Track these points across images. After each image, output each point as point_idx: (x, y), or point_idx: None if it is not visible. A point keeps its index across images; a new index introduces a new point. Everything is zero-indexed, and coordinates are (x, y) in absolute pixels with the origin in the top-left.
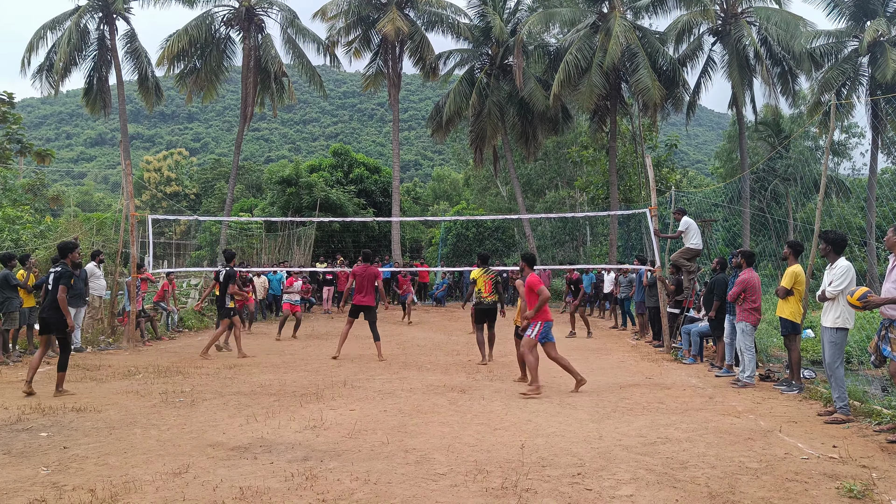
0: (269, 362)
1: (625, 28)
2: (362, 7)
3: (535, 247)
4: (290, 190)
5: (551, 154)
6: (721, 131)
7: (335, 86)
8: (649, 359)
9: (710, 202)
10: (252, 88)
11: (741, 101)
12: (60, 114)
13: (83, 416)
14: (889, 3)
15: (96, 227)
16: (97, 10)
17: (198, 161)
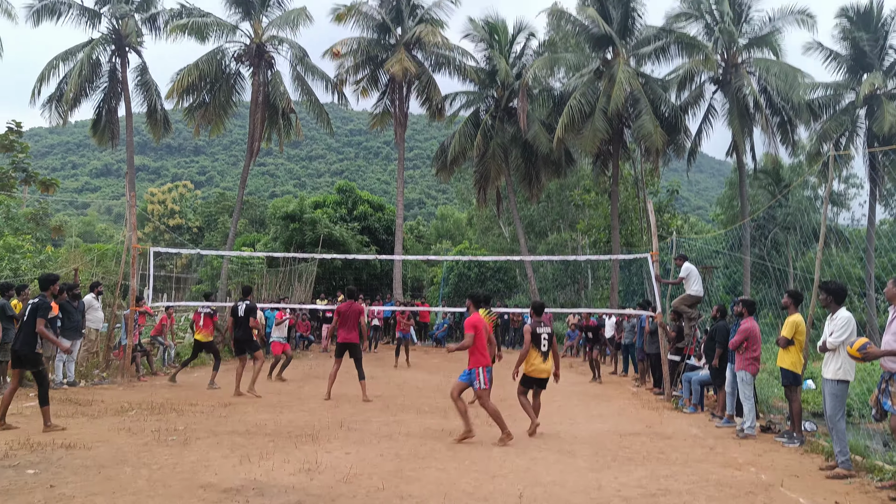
0: (265, 401)
1: (628, 74)
2: (371, 47)
3: (537, 289)
4: (294, 225)
5: (554, 196)
6: (722, 178)
7: (342, 123)
8: (650, 407)
9: (710, 249)
10: (260, 124)
11: (741, 149)
12: (67, 144)
13: (72, 453)
14: (885, 58)
15: (97, 258)
16: (110, 43)
17: (202, 194)
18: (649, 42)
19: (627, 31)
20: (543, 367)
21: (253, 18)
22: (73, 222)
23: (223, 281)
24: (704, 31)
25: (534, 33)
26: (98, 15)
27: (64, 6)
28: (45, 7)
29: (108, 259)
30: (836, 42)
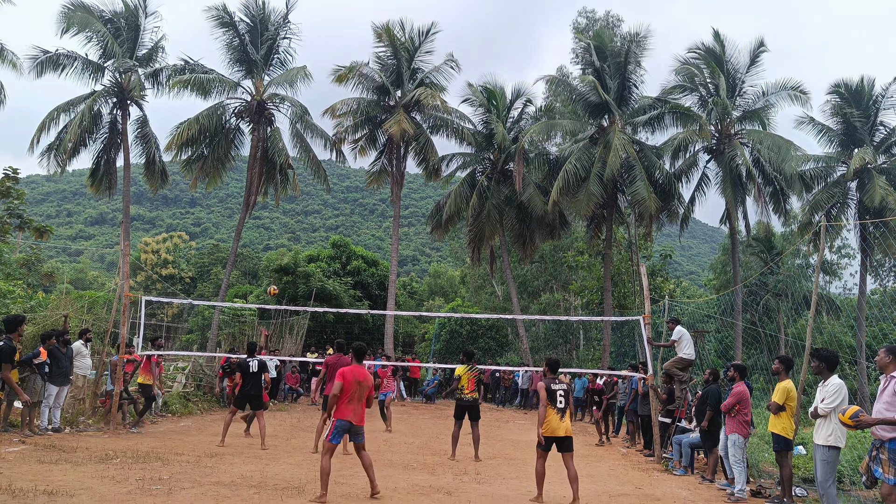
0: (251, 452)
1: (624, 141)
2: (370, 108)
3: (528, 348)
4: (287, 278)
5: (547, 257)
6: (714, 244)
7: (339, 180)
8: (640, 468)
9: (703, 313)
10: (257, 178)
11: (734, 216)
12: (63, 192)
13: (55, 500)
14: (875, 133)
15: (87, 305)
16: (112, 96)
17: (196, 245)
18: (645, 111)
19: (624, 101)
20: (561, 426)
21: (255, 76)
22: (65, 269)
23: (213, 331)
24: (699, 102)
25: (531, 99)
26: (101, 68)
27: (68, 59)
28: (50, 59)
29: (98, 306)
30: (828, 117)
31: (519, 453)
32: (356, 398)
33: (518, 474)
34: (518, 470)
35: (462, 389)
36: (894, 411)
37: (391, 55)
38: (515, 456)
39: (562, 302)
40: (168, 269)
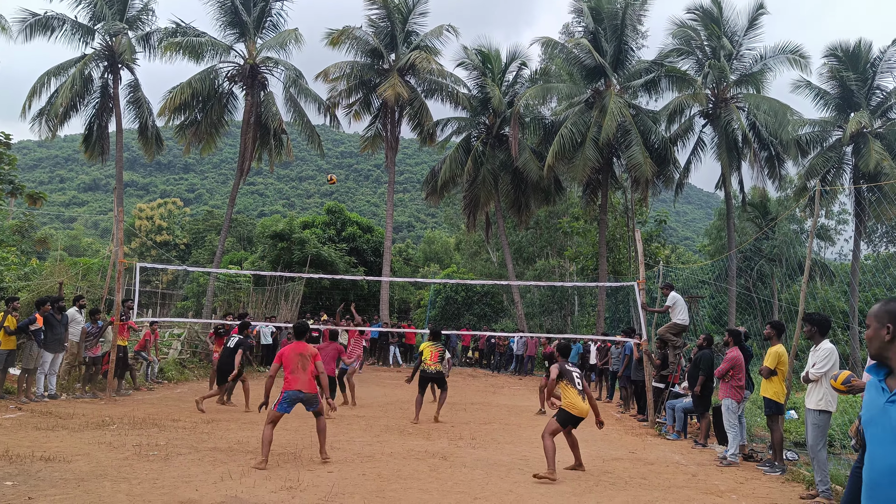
0: (247, 418)
1: (620, 105)
2: (364, 71)
3: (524, 314)
4: (282, 245)
5: (543, 223)
6: (709, 210)
7: (333, 145)
8: (633, 433)
9: (697, 279)
10: (251, 143)
11: (729, 181)
12: (56, 158)
13: (51, 465)
14: (872, 97)
15: (82, 272)
16: (102, 60)
17: (191, 212)
18: (641, 75)
19: (620, 64)
20: (584, 407)
21: (247, 39)
22: (59, 236)
23: (209, 298)
24: (696, 66)
25: (526, 62)
26: (91, 31)
27: (57, 22)
28: (39, 22)
29: (93, 273)
30: (825, 81)
31: (514, 419)
32: (300, 368)
33: (513, 439)
34: (513, 435)
35: (424, 361)
36: None
37: (384, 17)
38: (510, 421)
39: (557, 268)
40: (162, 236)
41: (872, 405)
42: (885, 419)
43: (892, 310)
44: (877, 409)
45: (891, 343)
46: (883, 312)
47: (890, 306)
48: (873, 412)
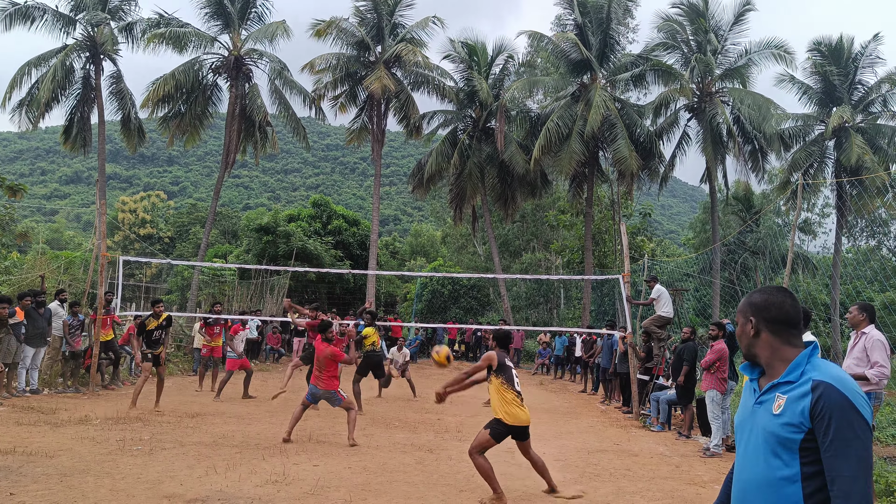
0: (232, 412)
1: (605, 99)
2: (350, 63)
3: (510, 307)
4: (267, 238)
5: (529, 217)
6: (694, 203)
7: (319, 138)
8: (618, 425)
9: (682, 272)
10: (235, 136)
11: (714, 175)
12: (37, 149)
13: (34, 461)
14: (854, 92)
15: (64, 265)
16: (84, 50)
17: (175, 205)
18: (627, 69)
19: (605, 58)
20: (524, 416)
21: (232, 31)
22: (40, 229)
23: (193, 291)
24: (681, 60)
25: (513, 55)
26: (73, 21)
27: (38, 11)
28: (19, 11)
29: (75, 267)
30: (808, 76)
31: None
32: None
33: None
34: None
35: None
36: (863, 366)
37: (371, 9)
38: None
39: (543, 261)
40: (146, 229)
41: (743, 408)
42: (753, 423)
43: (754, 302)
44: (747, 412)
45: (756, 339)
46: (745, 306)
47: (752, 298)
48: (743, 415)
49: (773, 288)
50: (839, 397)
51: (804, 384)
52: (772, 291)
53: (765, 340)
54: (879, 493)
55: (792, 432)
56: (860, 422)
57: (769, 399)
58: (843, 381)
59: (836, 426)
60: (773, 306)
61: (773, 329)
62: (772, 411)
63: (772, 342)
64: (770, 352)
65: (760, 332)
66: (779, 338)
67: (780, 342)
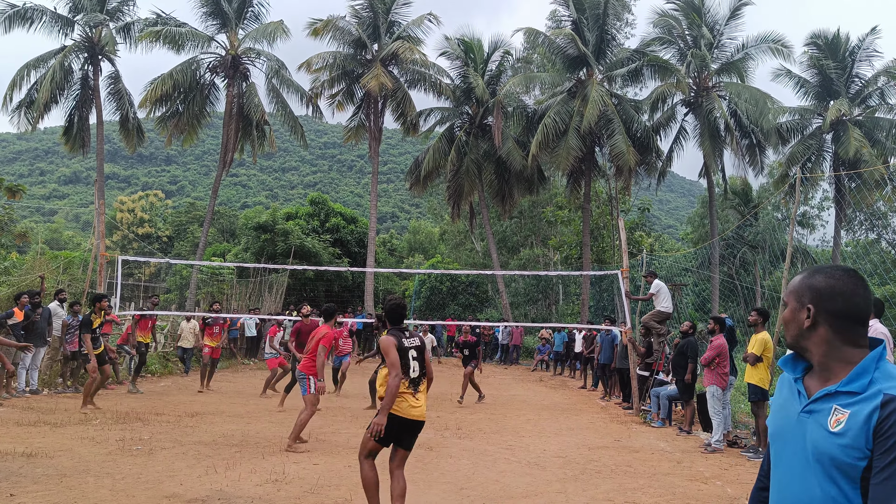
0: (233, 412)
1: (602, 94)
2: (347, 62)
3: (508, 303)
4: (265, 236)
5: (526, 213)
6: (692, 198)
7: (316, 136)
8: (618, 421)
9: (680, 266)
10: (233, 135)
11: (712, 169)
12: (36, 150)
13: (34, 461)
14: (851, 85)
15: (63, 265)
16: (83, 51)
17: (173, 203)
18: (623, 64)
19: (602, 53)
20: (416, 409)
21: (229, 30)
22: (39, 229)
23: (192, 290)
24: (678, 55)
25: (509, 51)
26: (71, 23)
27: (37, 13)
28: (18, 13)
29: (74, 267)
30: (805, 69)
31: (499, 408)
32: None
33: (499, 429)
34: (498, 424)
35: None
36: None
37: (367, 7)
38: (496, 411)
39: (541, 257)
40: (144, 228)
41: (783, 412)
42: (799, 435)
43: (816, 286)
44: (789, 419)
45: (811, 331)
46: (804, 288)
47: (814, 280)
48: (783, 422)
49: (841, 270)
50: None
51: (873, 398)
52: (840, 276)
53: (822, 335)
54: None
55: (855, 458)
56: None
57: (823, 410)
58: None
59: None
60: (841, 296)
61: (837, 324)
62: (827, 427)
63: (831, 339)
64: (827, 350)
65: (818, 325)
66: (841, 335)
67: (841, 340)
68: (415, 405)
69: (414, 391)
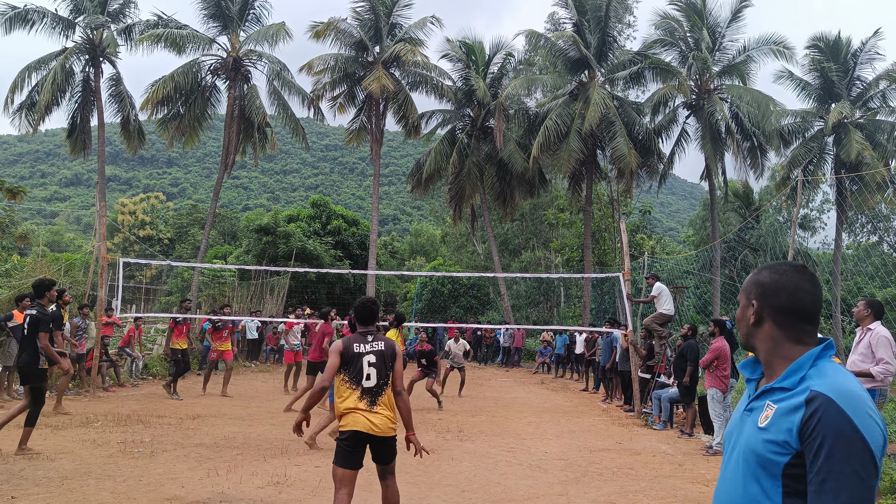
0: (234, 414)
1: (603, 97)
2: (349, 64)
3: (510, 306)
4: (267, 239)
5: (528, 215)
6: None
7: (318, 138)
8: (620, 423)
9: (682, 269)
10: (235, 137)
11: (714, 172)
12: (37, 152)
13: (35, 464)
14: (853, 88)
15: (65, 268)
16: (84, 53)
17: (174, 206)
18: (625, 67)
19: (604, 56)
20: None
21: (230, 32)
22: (40, 231)
23: (193, 293)
24: (679, 57)
25: (512, 53)
26: (72, 24)
27: (38, 15)
28: (18, 15)
29: (76, 269)
30: (807, 72)
31: (501, 411)
32: None
33: (500, 431)
34: (500, 427)
35: None
36: (868, 363)
37: (369, 9)
38: (497, 413)
39: (543, 260)
40: (146, 231)
41: (736, 413)
42: (739, 434)
43: (762, 281)
44: (736, 418)
45: (757, 328)
46: (750, 284)
47: (760, 276)
48: (733, 423)
49: (787, 266)
50: (839, 418)
51: (800, 394)
52: (786, 271)
53: (767, 332)
54: (884, 490)
55: (775, 453)
56: (863, 454)
57: (759, 408)
58: (850, 397)
59: (829, 455)
60: (785, 291)
61: (781, 320)
62: (758, 423)
63: (776, 336)
64: (771, 347)
65: (763, 321)
66: (786, 332)
67: (786, 337)
68: (363, 416)
69: (370, 404)
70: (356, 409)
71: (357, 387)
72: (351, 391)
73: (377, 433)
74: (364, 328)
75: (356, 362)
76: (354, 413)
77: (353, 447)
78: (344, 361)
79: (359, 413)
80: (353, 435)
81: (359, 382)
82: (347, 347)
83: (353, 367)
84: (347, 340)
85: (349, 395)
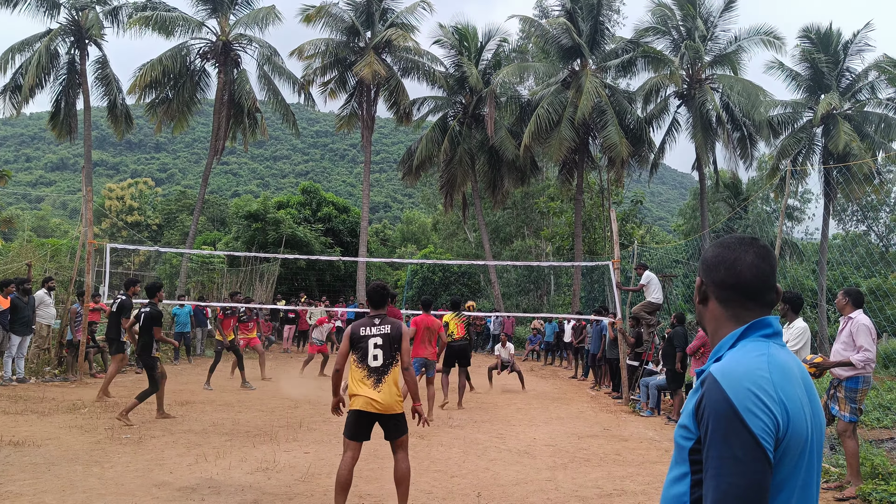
0: (223, 401)
1: (595, 85)
2: (340, 49)
3: (500, 294)
4: (256, 225)
5: (519, 204)
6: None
7: (308, 124)
8: (608, 410)
9: (671, 258)
10: (224, 122)
11: (704, 161)
12: (21, 136)
13: (21, 450)
14: (842, 80)
15: (51, 253)
16: (69, 35)
17: (163, 191)
18: (617, 55)
19: (596, 44)
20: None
21: (220, 15)
22: (26, 216)
23: (182, 279)
24: (671, 46)
25: (506, 39)
26: (57, 5)
27: None
28: None
29: (62, 255)
30: (797, 63)
31: (490, 397)
32: (427, 340)
33: (489, 418)
34: (489, 414)
35: (452, 335)
36: (850, 351)
37: None
38: (487, 400)
39: (533, 248)
40: (133, 216)
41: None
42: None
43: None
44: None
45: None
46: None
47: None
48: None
49: (733, 238)
50: (718, 397)
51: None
52: (730, 243)
53: (712, 311)
54: (865, 476)
55: (683, 437)
56: (741, 436)
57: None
58: (732, 375)
59: (711, 437)
60: (724, 265)
61: (722, 296)
62: None
63: (719, 315)
64: (715, 327)
65: (708, 300)
66: (729, 310)
67: (728, 316)
68: (374, 397)
69: (375, 382)
70: (359, 392)
71: (364, 366)
72: (360, 370)
73: (379, 410)
74: (375, 311)
75: (363, 344)
76: (357, 396)
77: (356, 422)
78: (352, 344)
79: (361, 395)
80: (354, 413)
81: (365, 362)
82: (355, 331)
83: (361, 348)
84: (356, 325)
85: (358, 374)
